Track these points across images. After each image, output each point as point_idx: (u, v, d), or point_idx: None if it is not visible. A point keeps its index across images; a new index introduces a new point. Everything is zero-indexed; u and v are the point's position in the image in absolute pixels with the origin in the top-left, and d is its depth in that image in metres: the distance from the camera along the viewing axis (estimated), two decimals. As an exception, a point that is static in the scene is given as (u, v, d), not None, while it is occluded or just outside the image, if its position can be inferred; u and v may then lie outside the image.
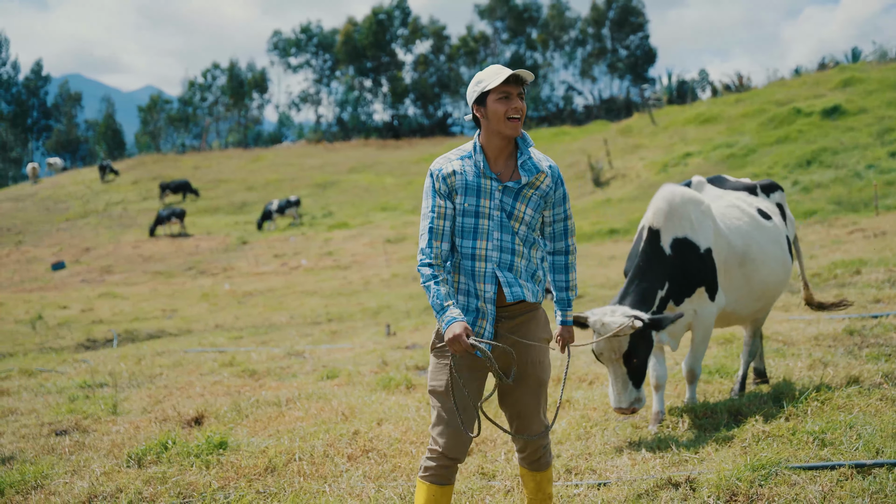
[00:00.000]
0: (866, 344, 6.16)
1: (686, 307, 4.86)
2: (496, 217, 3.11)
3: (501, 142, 3.15)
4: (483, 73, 3.18)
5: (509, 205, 3.13)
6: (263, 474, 4.21)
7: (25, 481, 4.32)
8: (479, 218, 3.11)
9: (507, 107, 3.09)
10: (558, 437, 4.57)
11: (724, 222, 5.05)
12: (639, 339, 4.45)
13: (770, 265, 5.21)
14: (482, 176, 3.13)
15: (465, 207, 3.11)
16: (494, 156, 3.17)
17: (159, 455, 4.51)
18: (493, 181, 3.13)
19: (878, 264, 10.94)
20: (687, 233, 4.84)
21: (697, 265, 4.82)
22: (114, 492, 4.04)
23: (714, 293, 4.89)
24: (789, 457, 3.72)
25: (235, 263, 26.56)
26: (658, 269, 4.77)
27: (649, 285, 4.72)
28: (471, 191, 3.12)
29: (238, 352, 9.84)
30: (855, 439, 3.79)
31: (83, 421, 6.07)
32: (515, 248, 3.13)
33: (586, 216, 25.79)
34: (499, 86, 3.08)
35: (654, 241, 4.84)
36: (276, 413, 5.69)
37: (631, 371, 4.48)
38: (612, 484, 3.76)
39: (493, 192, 3.12)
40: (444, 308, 2.99)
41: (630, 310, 4.54)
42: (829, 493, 3.32)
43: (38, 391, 7.96)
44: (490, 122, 3.12)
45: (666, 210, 4.85)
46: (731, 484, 3.48)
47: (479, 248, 3.11)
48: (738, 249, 5.01)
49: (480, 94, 3.12)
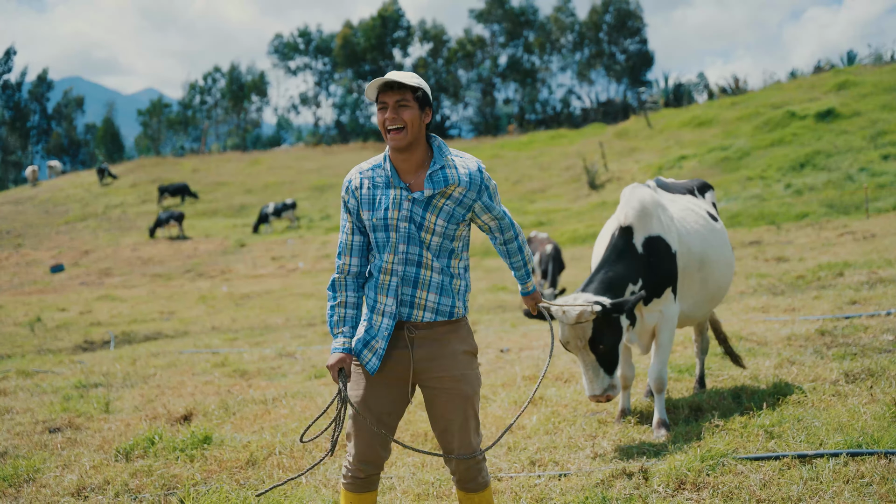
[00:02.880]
0: (835, 344, 6.35)
1: (653, 308, 4.87)
2: (403, 229, 2.98)
3: (400, 153, 3.00)
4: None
5: (419, 215, 2.99)
6: (245, 467, 4.43)
7: (18, 475, 4.54)
8: (388, 231, 2.99)
9: (383, 117, 2.97)
10: (527, 433, 4.79)
11: (683, 226, 5.07)
12: (604, 325, 4.42)
13: (722, 268, 5.29)
14: (391, 186, 3.01)
15: (373, 223, 3.00)
16: (401, 166, 3.02)
17: (146, 450, 4.73)
18: (402, 191, 2.99)
19: (863, 266, 11.12)
20: (659, 232, 4.84)
21: (668, 265, 4.83)
22: (101, 484, 4.26)
23: (676, 294, 4.91)
24: (738, 448, 3.95)
25: (233, 266, 26.76)
26: (630, 265, 4.73)
27: (617, 275, 4.68)
28: (379, 203, 3.00)
29: (231, 353, 10.05)
30: (801, 432, 4.01)
31: (76, 419, 6.27)
32: (422, 261, 3.00)
33: (581, 219, 26.01)
34: (377, 97, 2.99)
35: (626, 237, 4.81)
36: (262, 411, 5.91)
37: (600, 357, 4.45)
38: (571, 475, 3.97)
39: (402, 202, 2.98)
40: (335, 335, 2.99)
41: (592, 296, 4.52)
42: (769, 480, 3.53)
43: (34, 391, 8.17)
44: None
45: (639, 209, 4.82)
46: (680, 473, 3.69)
47: (386, 261, 3.00)
48: (696, 253, 5.05)
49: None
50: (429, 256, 3.00)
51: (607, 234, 5.09)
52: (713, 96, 44.67)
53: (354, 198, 3.04)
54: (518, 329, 9.87)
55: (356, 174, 3.08)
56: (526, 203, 30.62)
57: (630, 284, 4.71)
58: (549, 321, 3.54)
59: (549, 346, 3.37)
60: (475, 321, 11.27)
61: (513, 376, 6.34)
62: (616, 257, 4.76)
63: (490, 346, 8.57)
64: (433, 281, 3.01)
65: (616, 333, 4.51)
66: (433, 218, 2.98)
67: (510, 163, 38.64)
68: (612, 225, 5.10)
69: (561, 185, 33.09)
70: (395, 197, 2.98)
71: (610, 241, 4.90)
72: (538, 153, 40.05)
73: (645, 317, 4.85)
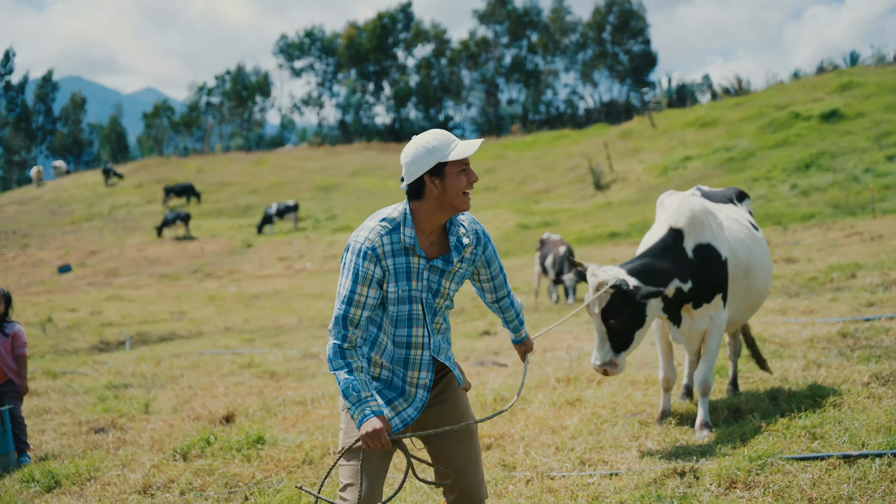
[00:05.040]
0: (858, 346, 6.50)
1: (703, 312, 4.94)
2: (425, 300, 2.85)
3: (445, 217, 2.84)
4: (432, 138, 2.81)
5: (436, 283, 2.87)
6: (301, 466, 4.60)
7: (79, 473, 4.69)
8: (412, 304, 2.83)
9: (468, 180, 2.81)
10: (571, 433, 4.94)
11: (730, 235, 5.16)
12: (620, 303, 4.50)
13: (765, 276, 5.41)
14: (411, 254, 2.82)
15: (398, 294, 2.81)
16: (428, 231, 2.85)
17: (203, 449, 4.89)
18: (420, 259, 2.83)
19: (874, 268, 11.26)
20: (710, 240, 4.89)
21: (718, 272, 4.89)
22: (166, 482, 4.43)
23: (726, 301, 5.00)
24: (783, 449, 4.11)
25: (240, 266, 26.89)
26: (677, 264, 4.80)
27: (661, 268, 4.72)
28: (401, 274, 2.81)
29: (255, 354, 10.20)
30: (842, 433, 4.17)
31: (118, 419, 6.43)
32: (438, 327, 2.93)
33: (587, 219, 26.15)
34: (462, 158, 2.78)
35: (677, 240, 4.87)
36: (302, 411, 6.07)
37: (609, 331, 4.57)
38: (622, 474, 4.13)
39: (422, 272, 2.84)
40: (363, 400, 2.70)
41: (624, 273, 4.61)
42: (818, 480, 3.69)
43: (66, 392, 8.33)
44: (445, 196, 2.78)
45: (689, 216, 4.90)
46: (730, 473, 3.85)
47: (415, 335, 2.85)
48: (742, 262, 5.15)
49: (437, 164, 2.78)
50: (439, 321, 2.93)
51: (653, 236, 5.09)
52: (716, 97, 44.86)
53: (381, 268, 2.78)
54: (539, 331, 10.02)
55: (378, 239, 2.79)
56: (531, 203, 30.77)
57: (677, 280, 4.78)
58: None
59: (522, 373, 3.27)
60: (493, 322, 11.42)
61: (546, 378, 6.50)
62: (662, 251, 4.83)
63: (512, 349, 8.73)
64: (444, 340, 2.97)
65: (632, 316, 4.58)
66: (448, 283, 2.90)
67: (514, 163, 38.79)
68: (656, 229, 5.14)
69: (566, 185, 33.23)
70: (415, 265, 2.82)
71: (660, 238, 4.93)
72: (542, 153, 40.22)
73: (695, 320, 4.95)
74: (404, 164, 2.81)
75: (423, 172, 2.77)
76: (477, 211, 30.77)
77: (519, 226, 26.87)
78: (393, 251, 2.78)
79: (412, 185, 2.81)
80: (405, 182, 2.83)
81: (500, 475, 4.27)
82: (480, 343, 9.33)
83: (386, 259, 2.77)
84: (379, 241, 2.77)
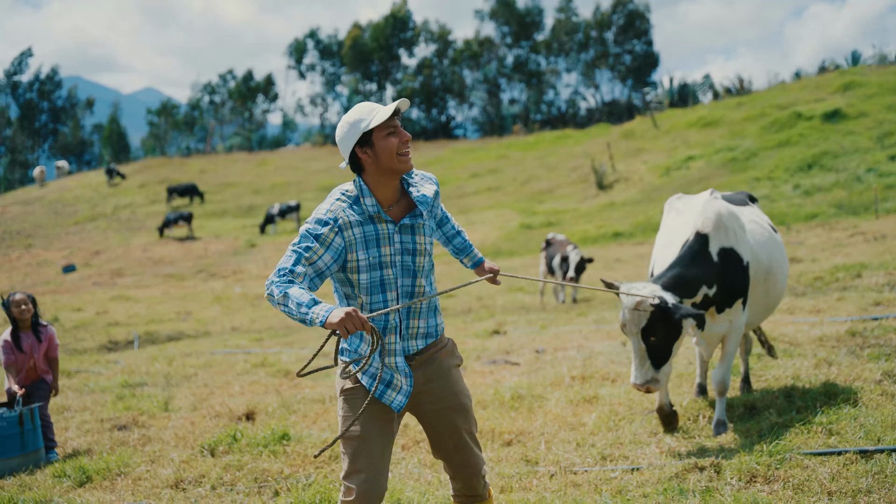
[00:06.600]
0: (868, 344, 6.60)
1: (724, 317, 4.97)
2: (398, 262, 2.92)
3: (394, 180, 2.94)
4: (354, 114, 2.92)
5: (410, 242, 2.95)
6: (328, 461, 4.70)
7: (109, 469, 4.80)
8: (383, 269, 2.90)
9: (399, 140, 2.89)
10: (590, 429, 5.04)
11: (753, 238, 5.18)
12: (659, 319, 4.48)
13: (783, 278, 5.45)
14: (378, 221, 2.91)
15: (370, 262, 2.88)
16: (385, 195, 2.94)
17: (230, 445, 5.00)
18: (388, 224, 2.92)
19: (879, 268, 11.36)
20: (733, 244, 4.89)
21: (741, 277, 4.91)
22: (197, 477, 4.54)
23: (746, 305, 5.03)
24: (801, 444, 4.22)
25: (245, 266, 26.97)
26: (704, 270, 4.78)
27: (691, 276, 4.72)
28: (371, 241, 2.88)
29: (268, 353, 10.30)
30: (858, 429, 4.27)
31: (139, 417, 6.54)
32: (416, 291, 2.97)
33: (590, 220, 26.24)
34: (385, 121, 2.88)
35: (703, 244, 4.85)
36: (322, 409, 6.17)
37: (650, 348, 4.52)
38: (643, 469, 4.24)
39: (392, 235, 2.92)
40: (318, 301, 2.64)
41: (660, 289, 4.57)
42: (836, 474, 3.80)
43: (83, 390, 8.44)
44: (381, 161, 2.88)
45: (714, 220, 4.86)
46: (751, 467, 3.96)
47: (390, 300, 2.92)
48: (763, 264, 5.18)
49: (363, 135, 2.88)
50: (421, 283, 2.97)
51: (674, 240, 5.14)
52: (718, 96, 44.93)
53: (342, 238, 2.85)
54: (549, 330, 10.12)
55: (341, 211, 2.87)
56: (534, 204, 30.86)
57: (704, 287, 4.78)
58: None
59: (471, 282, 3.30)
60: (501, 322, 11.52)
61: (560, 376, 6.60)
62: (691, 259, 4.80)
63: (525, 347, 8.82)
64: (423, 307, 3.00)
65: (671, 331, 4.54)
66: (422, 239, 2.96)
67: (517, 163, 38.89)
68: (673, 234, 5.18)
69: (569, 185, 33.32)
70: (384, 231, 2.90)
71: (685, 243, 4.92)
72: (545, 154, 40.31)
73: (716, 324, 4.98)
74: (338, 144, 2.93)
75: (352, 146, 2.88)
76: (480, 211, 30.87)
77: (522, 226, 26.96)
78: (360, 221, 2.87)
79: (351, 161, 2.92)
80: (344, 162, 2.97)
81: (524, 470, 4.38)
82: (491, 342, 9.43)
83: (351, 228, 2.85)
84: (342, 213, 2.86)
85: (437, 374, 3.02)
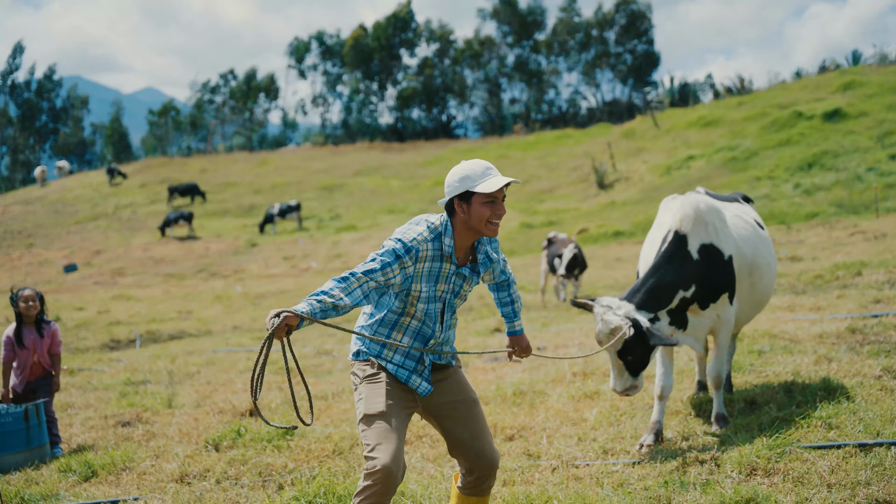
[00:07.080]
0: (867, 341, 6.64)
1: (709, 312, 4.95)
2: (448, 300, 3.21)
3: (476, 236, 3.16)
4: (468, 168, 3.10)
5: (458, 286, 3.23)
6: (332, 456, 4.74)
7: (114, 464, 4.84)
8: (436, 303, 3.18)
9: (492, 212, 3.08)
10: (591, 424, 5.08)
11: (736, 232, 5.18)
12: (634, 343, 4.52)
13: (770, 274, 5.43)
14: (446, 261, 3.15)
15: (427, 295, 3.14)
16: (462, 245, 3.17)
17: (234, 441, 5.04)
18: (451, 265, 3.17)
19: (879, 266, 11.40)
20: (713, 239, 4.87)
21: (723, 272, 4.90)
22: (202, 471, 4.58)
23: (733, 298, 5.02)
24: (801, 438, 4.26)
25: (246, 266, 27.02)
26: (682, 272, 4.75)
27: (665, 283, 4.70)
28: (432, 277, 3.13)
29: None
30: (857, 423, 4.31)
31: (143, 413, 6.58)
32: (452, 323, 3.30)
33: (591, 219, 26.28)
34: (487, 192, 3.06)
35: (680, 244, 4.83)
36: (324, 405, 6.22)
37: (626, 364, 4.60)
38: (645, 462, 4.27)
39: (451, 276, 3.18)
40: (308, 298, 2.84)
41: (634, 310, 4.57)
42: (836, 467, 3.84)
43: (86, 388, 8.48)
44: (470, 220, 3.10)
45: (693, 216, 4.87)
46: (751, 460, 4.00)
47: (437, 331, 3.21)
48: (748, 259, 5.17)
49: (466, 191, 3.08)
50: (455, 318, 3.32)
51: (656, 239, 5.13)
52: (719, 96, 44.96)
53: (415, 268, 3.08)
54: (550, 328, 10.16)
55: (424, 244, 3.10)
56: (535, 203, 30.90)
57: (680, 291, 4.77)
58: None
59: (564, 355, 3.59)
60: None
61: (562, 373, 6.64)
62: (666, 263, 4.76)
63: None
64: (453, 335, 3.35)
65: (647, 350, 4.59)
66: (467, 286, 3.27)
67: (517, 163, 38.93)
68: (658, 232, 5.16)
69: (569, 185, 33.36)
70: (445, 270, 3.15)
71: (660, 246, 4.89)
72: (545, 153, 40.35)
73: (701, 319, 4.96)
74: (445, 184, 3.16)
75: (453, 196, 3.11)
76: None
77: (523, 225, 27.00)
78: (432, 256, 3.11)
79: (447, 204, 3.16)
80: (443, 199, 3.19)
81: (526, 464, 4.42)
82: (492, 340, 9.48)
83: (424, 262, 3.09)
84: (424, 246, 3.09)
85: (445, 374, 3.31)
